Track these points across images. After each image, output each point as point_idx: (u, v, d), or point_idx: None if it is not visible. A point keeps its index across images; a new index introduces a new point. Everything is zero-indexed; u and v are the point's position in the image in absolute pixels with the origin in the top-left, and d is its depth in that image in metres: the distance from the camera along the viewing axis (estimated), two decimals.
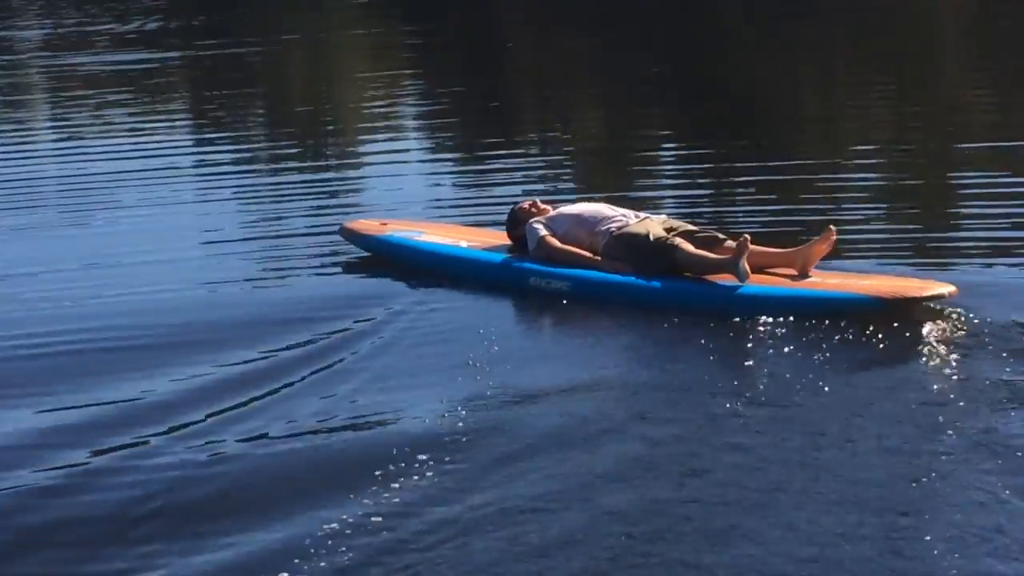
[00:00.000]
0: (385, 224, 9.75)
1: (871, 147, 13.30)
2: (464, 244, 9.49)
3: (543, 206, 9.22)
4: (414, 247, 9.39)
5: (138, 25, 29.68)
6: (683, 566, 4.85)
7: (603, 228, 8.80)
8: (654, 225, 8.62)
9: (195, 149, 15.02)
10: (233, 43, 25.73)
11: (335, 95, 19.70)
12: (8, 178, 13.26)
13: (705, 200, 11.46)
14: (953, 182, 11.50)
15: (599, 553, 4.97)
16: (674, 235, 8.49)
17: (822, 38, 22.21)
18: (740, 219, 10.27)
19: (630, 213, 8.94)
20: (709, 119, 14.94)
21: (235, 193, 12.41)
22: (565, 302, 8.42)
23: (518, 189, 11.45)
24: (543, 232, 8.82)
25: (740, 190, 11.70)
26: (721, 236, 8.49)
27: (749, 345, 7.24)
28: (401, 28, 28.34)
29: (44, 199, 12.26)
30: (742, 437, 5.99)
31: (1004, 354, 6.61)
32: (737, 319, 7.64)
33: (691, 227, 8.68)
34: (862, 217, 10.15)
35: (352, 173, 13.56)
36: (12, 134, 16.93)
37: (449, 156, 14.26)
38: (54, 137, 16.37)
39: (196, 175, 13.26)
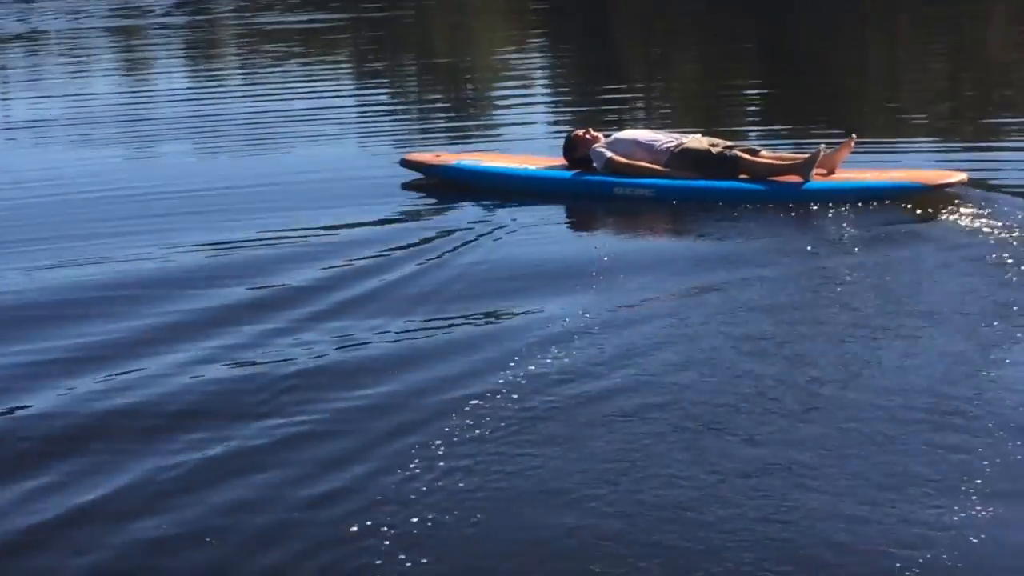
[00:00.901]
0: (438, 156, 10.27)
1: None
2: (529, 167, 9.99)
3: (595, 133, 9.76)
4: (495, 171, 9.88)
5: None
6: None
7: (661, 147, 9.37)
8: (705, 141, 9.36)
9: (345, 93, 15.75)
10: (390, 6, 26.04)
11: (462, 51, 20.03)
12: (200, 113, 14.30)
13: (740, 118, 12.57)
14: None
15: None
16: (722, 148, 9.25)
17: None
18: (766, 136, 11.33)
19: (674, 134, 9.67)
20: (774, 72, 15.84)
21: (363, 129, 13.21)
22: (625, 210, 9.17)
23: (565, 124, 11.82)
24: (609, 153, 9.40)
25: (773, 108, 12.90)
26: (756, 148, 9.41)
27: (830, 234, 8.02)
28: None
29: (229, 131, 13.17)
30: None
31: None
32: (802, 210, 8.52)
33: (729, 142, 9.41)
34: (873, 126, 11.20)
35: (450, 112, 14.15)
36: (204, 78, 17.86)
37: (522, 98, 14.54)
38: (238, 82, 17.34)
39: (337, 115, 13.83)
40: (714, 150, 9.21)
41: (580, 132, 9.77)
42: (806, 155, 8.98)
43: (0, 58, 21.01)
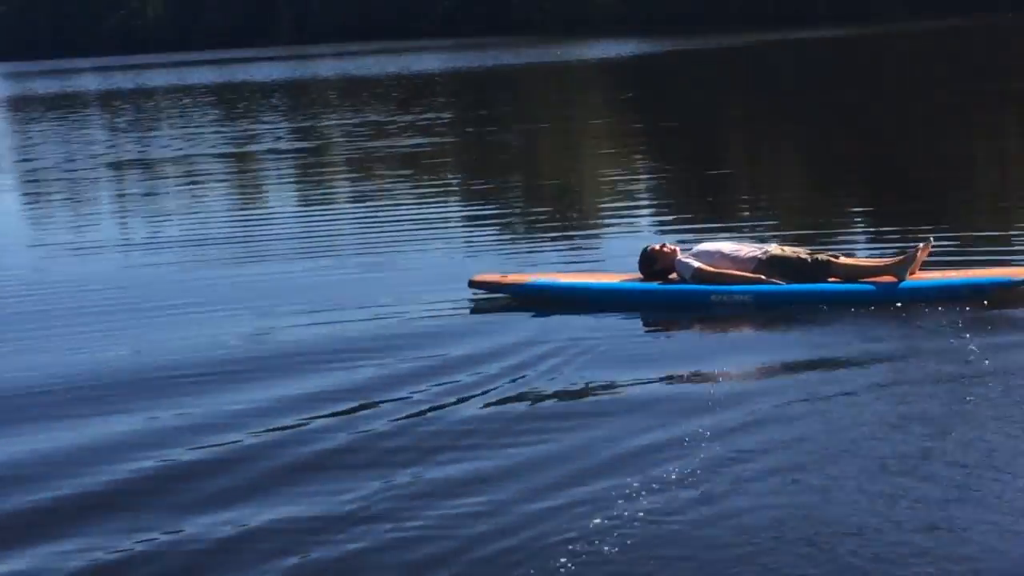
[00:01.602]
0: (505, 277, 10.15)
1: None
2: (612, 280, 10.01)
3: (672, 246, 9.95)
4: (590, 287, 9.91)
5: (420, 116, 30.57)
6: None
7: (745, 256, 9.55)
8: (790, 249, 9.62)
9: (450, 209, 16.03)
10: (497, 130, 26.85)
11: (564, 172, 20.01)
12: (313, 231, 14.58)
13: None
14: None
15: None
16: (815, 255, 9.44)
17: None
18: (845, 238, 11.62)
19: (752, 244, 9.90)
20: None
21: (469, 244, 13.28)
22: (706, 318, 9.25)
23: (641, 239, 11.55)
24: (697, 263, 9.53)
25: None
26: (836, 253, 9.58)
27: (925, 328, 8.38)
28: (632, 119, 28.71)
29: (339, 246, 13.47)
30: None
31: None
32: (898, 306, 8.81)
33: (807, 251, 9.61)
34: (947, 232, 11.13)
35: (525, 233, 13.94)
36: (318, 197, 18.09)
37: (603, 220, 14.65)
38: (350, 200, 17.51)
39: (445, 230, 14.16)
40: (802, 258, 9.37)
41: (657, 246, 9.88)
42: (899, 258, 9.21)
43: (119, 182, 21.53)
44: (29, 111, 43.40)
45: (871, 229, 12.80)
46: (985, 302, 8.83)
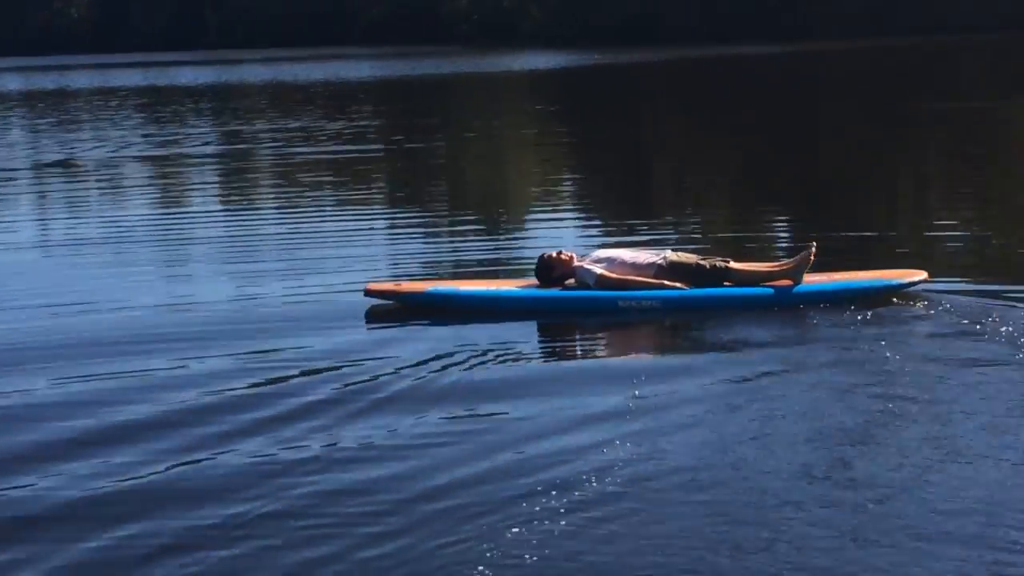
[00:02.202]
0: (398, 284, 10.07)
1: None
2: (511, 287, 9.97)
3: (568, 253, 9.98)
4: (486, 295, 9.83)
5: (346, 123, 30.55)
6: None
7: (644, 262, 9.69)
8: (686, 255, 9.78)
9: (359, 216, 15.73)
10: (420, 138, 26.66)
11: (477, 181, 20.24)
12: (232, 234, 14.66)
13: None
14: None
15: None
16: (712, 260, 9.64)
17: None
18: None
19: (650, 251, 10.01)
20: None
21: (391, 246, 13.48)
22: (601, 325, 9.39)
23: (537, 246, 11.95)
24: (599, 269, 9.61)
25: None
26: (727, 258, 9.74)
27: (822, 329, 8.82)
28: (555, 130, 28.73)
29: (258, 250, 13.49)
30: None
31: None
32: (793, 310, 9.26)
33: (703, 257, 9.78)
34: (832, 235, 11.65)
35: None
36: (239, 201, 18.07)
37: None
38: (263, 205, 17.49)
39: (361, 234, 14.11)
40: (702, 264, 9.58)
41: (554, 253, 9.90)
42: (793, 261, 9.57)
43: (40, 183, 21.38)
44: None
45: (765, 234, 13.19)
46: (874, 303, 9.33)
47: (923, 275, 9.65)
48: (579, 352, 9.18)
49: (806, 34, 73.30)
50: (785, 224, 13.41)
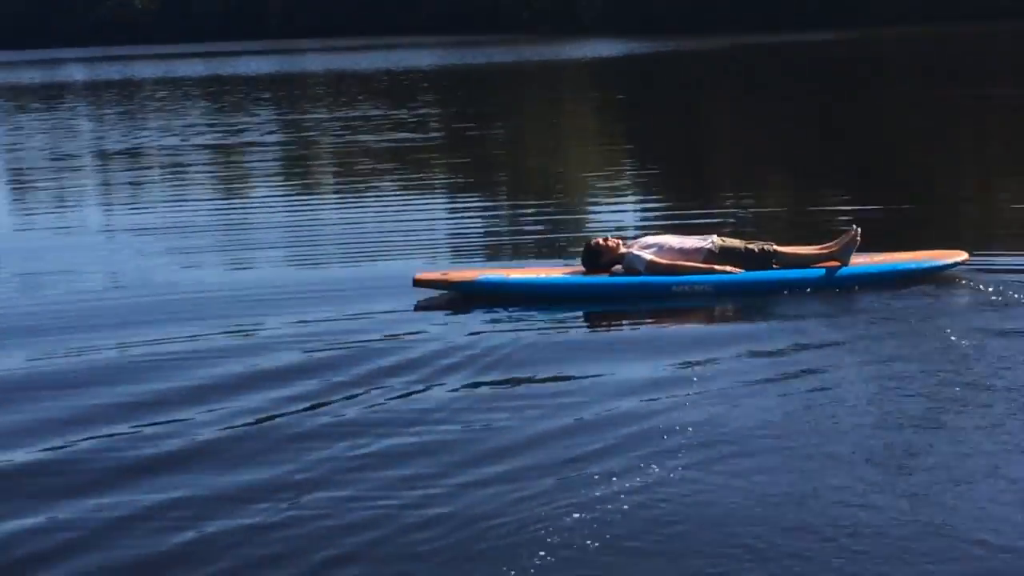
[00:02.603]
0: (446, 274, 10.03)
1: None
2: (558, 275, 9.96)
3: (615, 240, 10.05)
4: (536, 283, 9.82)
5: (408, 112, 30.72)
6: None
7: (692, 248, 9.75)
8: (737, 240, 9.91)
9: (415, 204, 15.83)
10: (478, 127, 26.89)
11: (541, 166, 20.18)
12: (294, 219, 14.91)
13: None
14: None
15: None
16: (759, 244, 9.77)
17: None
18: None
19: (697, 236, 10.03)
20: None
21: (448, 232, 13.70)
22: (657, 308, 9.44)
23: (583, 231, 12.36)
24: (649, 255, 9.65)
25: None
26: (772, 247, 9.82)
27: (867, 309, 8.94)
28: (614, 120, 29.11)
29: (320, 238, 13.54)
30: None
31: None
32: (842, 291, 9.40)
33: (749, 241, 9.93)
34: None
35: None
36: (302, 187, 18.16)
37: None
38: (333, 191, 17.76)
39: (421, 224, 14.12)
40: (749, 247, 9.72)
41: (600, 240, 9.97)
42: (838, 243, 9.71)
43: (107, 171, 21.67)
44: (15, 100, 43.27)
45: (812, 218, 13.14)
46: (919, 282, 9.54)
47: (964, 255, 9.80)
48: (631, 335, 9.18)
49: (860, 21, 72.60)
50: (832, 207, 13.41)
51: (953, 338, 8.12)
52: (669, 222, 13.05)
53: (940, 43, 49.67)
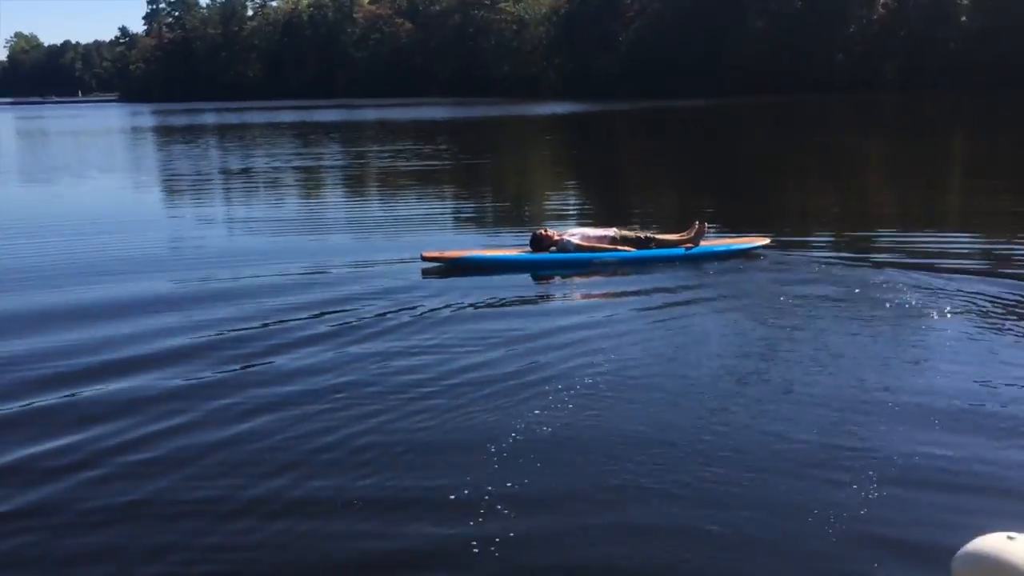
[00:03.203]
0: (443, 253, 9.77)
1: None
2: (518, 254, 9.79)
3: (552, 231, 10.05)
4: (504, 259, 9.72)
5: (432, 149, 30.23)
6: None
7: (602, 235, 9.93)
8: (630, 231, 10.10)
9: (428, 206, 15.67)
10: (473, 158, 26.62)
11: (515, 185, 20.12)
12: (350, 216, 14.64)
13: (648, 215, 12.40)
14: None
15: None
16: (643, 233, 10.07)
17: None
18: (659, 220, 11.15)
19: (604, 228, 10.19)
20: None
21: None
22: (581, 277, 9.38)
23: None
24: (576, 241, 9.84)
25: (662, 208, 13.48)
26: (650, 235, 10.06)
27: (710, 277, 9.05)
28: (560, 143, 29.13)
29: (368, 225, 13.51)
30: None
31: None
32: (692, 263, 9.64)
33: (637, 231, 10.17)
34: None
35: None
36: (357, 194, 17.94)
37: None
38: (371, 198, 17.36)
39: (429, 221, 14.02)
40: (638, 236, 9.96)
41: (543, 231, 9.98)
42: (693, 232, 10.01)
43: (228, 184, 21.57)
44: (167, 137, 43.27)
45: (680, 216, 13.06)
46: (746, 257, 9.91)
47: (767, 240, 10.20)
48: (562, 292, 9.19)
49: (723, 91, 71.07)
50: (690, 209, 13.40)
51: (762, 293, 8.42)
52: (587, 218, 13.38)
53: (787, 109, 49.84)
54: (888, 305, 7.70)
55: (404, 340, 7.03)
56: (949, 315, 7.31)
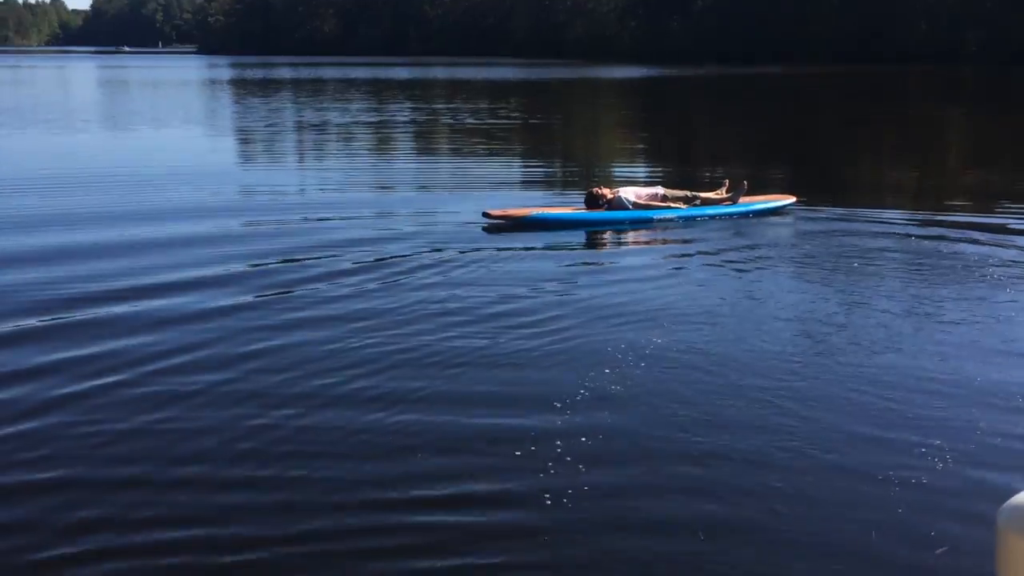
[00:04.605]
0: (506, 211, 9.78)
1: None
2: (580, 212, 9.92)
3: (605, 189, 10.20)
4: (564, 217, 9.84)
5: (500, 105, 30.31)
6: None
7: (652, 194, 10.23)
8: (677, 190, 10.45)
9: (496, 166, 15.77)
10: (542, 118, 26.42)
11: (580, 145, 20.15)
12: (418, 170, 14.74)
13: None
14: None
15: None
16: (688, 192, 10.43)
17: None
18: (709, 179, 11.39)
19: (652, 188, 10.48)
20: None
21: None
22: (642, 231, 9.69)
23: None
24: (633, 198, 10.04)
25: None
26: (702, 193, 10.48)
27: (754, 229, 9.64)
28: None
29: (434, 178, 13.68)
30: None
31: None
32: (736, 217, 10.20)
33: (684, 190, 10.52)
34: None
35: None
36: (423, 150, 17.96)
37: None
38: (440, 153, 17.49)
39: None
40: (687, 194, 10.35)
41: (597, 190, 10.13)
42: (733, 191, 10.62)
43: (302, 138, 21.79)
44: (243, 90, 43.60)
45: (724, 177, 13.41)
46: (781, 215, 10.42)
47: (794, 198, 10.80)
48: (619, 247, 9.42)
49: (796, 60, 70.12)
50: (731, 171, 13.38)
51: (796, 247, 8.81)
52: (654, 179, 13.35)
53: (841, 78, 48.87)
54: (952, 274, 7.77)
55: (457, 289, 7.19)
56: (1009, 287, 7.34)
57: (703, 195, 10.50)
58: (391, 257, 8.21)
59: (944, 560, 3.35)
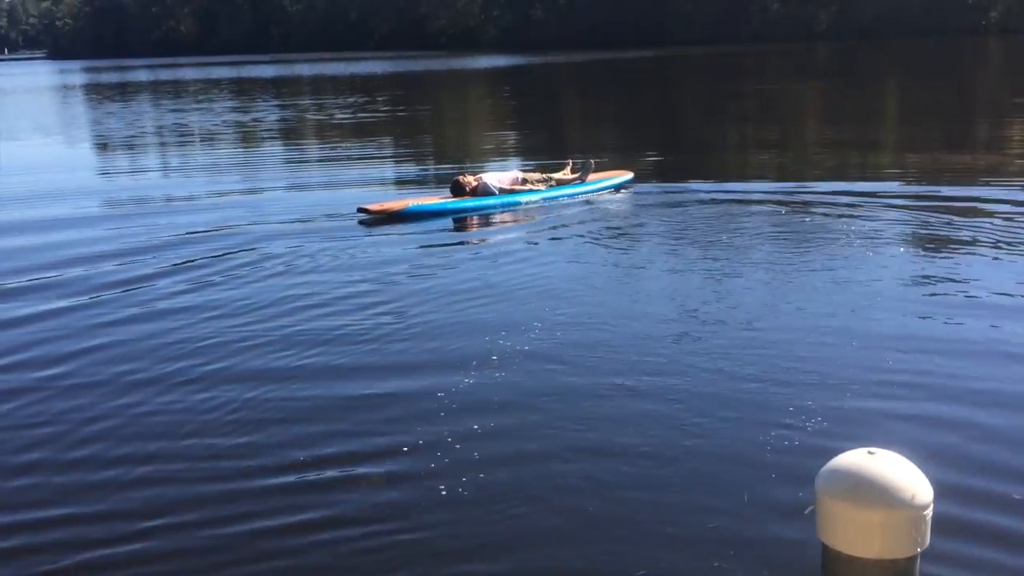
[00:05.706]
0: (381, 205, 9.84)
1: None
2: (442, 201, 10.07)
3: (471, 176, 10.43)
4: (443, 207, 9.94)
5: (366, 100, 30.02)
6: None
7: (515, 178, 10.55)
8: (533, 173, 10.84)
9: (363, 157, 15.76)
10: (408, 110, 26.71)
11: (445, 134, 20.33)
12: (286, 167, 14.58)
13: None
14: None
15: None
16: (543, 175, 10.80)
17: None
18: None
19: (511, 172, 10.83)
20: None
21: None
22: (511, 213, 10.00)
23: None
24: (498, 184, 10.29)
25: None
26: (555, 175, 10.90)
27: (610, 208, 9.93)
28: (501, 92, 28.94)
29: (305, 175, 13.51)
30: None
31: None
32: (581, 198, 10.52)
33: (541, 173, 10.92)
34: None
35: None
36: (291, 147, 17.79)
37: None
38: (308, 151, 17.24)
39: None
40: (543, 177, 10.72)
41: (461, 178, 10.30)
42: (582, 171, 11.01)
43: (162, 142, 21.16)
44: (96, 95, 42.47)
45: (573, 157, 13.00)
46: (622, 189, 10.87)
47: (631, 174, 11.36)
48: (486, 231, 9.59)
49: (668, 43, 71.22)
50: (583, 153, 13.02)
51: (634, 216, 9.26)
52: (490, 163, 13.71)
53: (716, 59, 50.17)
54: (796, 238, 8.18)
55: (328, 275, 7.33)
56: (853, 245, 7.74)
57: (556, 176, 10.93)
58: (268, 257, 8.17)
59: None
